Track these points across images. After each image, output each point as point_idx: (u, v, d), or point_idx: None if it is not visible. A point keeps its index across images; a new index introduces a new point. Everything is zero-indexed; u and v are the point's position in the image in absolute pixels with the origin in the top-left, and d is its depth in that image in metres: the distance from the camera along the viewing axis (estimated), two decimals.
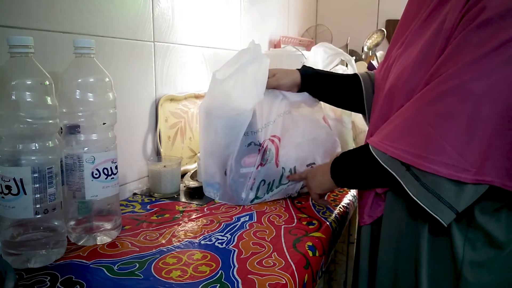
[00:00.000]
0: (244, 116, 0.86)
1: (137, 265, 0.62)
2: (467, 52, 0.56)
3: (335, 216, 0.85)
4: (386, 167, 0.63)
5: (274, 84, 0.91)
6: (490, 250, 0.61)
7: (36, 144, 0.58)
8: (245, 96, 0.86)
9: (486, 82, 0.55)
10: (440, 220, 0.58)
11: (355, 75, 0.92)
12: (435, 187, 0.58)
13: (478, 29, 0.56)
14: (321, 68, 1.14)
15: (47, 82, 0.59)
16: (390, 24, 2.00)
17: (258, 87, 0.88)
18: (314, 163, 0.94)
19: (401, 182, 0.61)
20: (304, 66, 0.96)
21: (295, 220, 0.81)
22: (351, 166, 0.74)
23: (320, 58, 1.17)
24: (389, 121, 0.66)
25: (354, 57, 1.46)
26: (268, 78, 0.90)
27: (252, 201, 0.90)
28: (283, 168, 0.91)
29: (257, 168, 0.88)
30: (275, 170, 0.90)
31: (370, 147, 0.66)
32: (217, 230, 0.76)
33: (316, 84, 0.94)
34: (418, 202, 0.59)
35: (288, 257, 0.65)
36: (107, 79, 0.68)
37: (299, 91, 0.94)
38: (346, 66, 1.27)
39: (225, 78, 0.88)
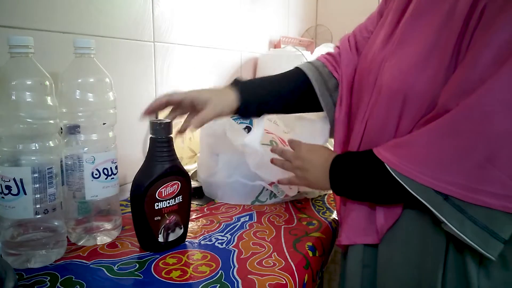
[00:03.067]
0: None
1: (137, 265, 0.62)
2: (507, 55, 0.46)
3: (335, 216, 0.85)
4: (417, 196, 0.52)
5: (214, 114, 0.70)
6: (506, 275, 0.54)
7: (36, 144, 0.58)
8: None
9: None
10: (489, 255, 0.49)
11: (297, 69, 0.80)
12: (486, 221, 0.48)
13: None
14: None
15: (47, 82, 0.59)
16: None
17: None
18: None
19: (438, 214, 0.50)
20: (235, 80, 0.77)
21: (295, 220, 0.81)
22: (361, 183, 0.61)
23: None
24: (411, 139, 0.54)
25: None
26: (201, 108, 0.70)
27: (253, 202, 0.90)
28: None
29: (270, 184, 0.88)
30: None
31: (389, 168, 0.54)
32: (217, 230, 0.76)
33: (261, 101, 0.76)
34: (466, 239, 0.49)
35: (288, 257, 0.65)
36: (107, 79, 0.68)
37: (239, 114, 0.76)
38: None
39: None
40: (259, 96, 0.77)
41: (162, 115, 1.01)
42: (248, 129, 0.84)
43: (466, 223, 0.49)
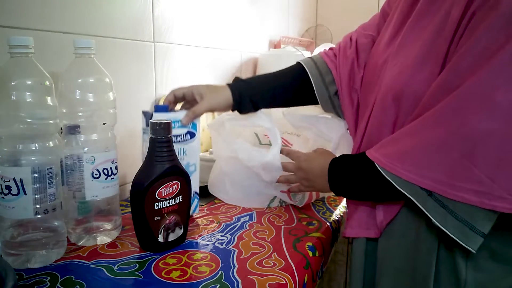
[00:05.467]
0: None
1: (137, 265, 0.62)
2: (486, 58, 0.49)
3: (335, 216, 0.85)
4: (403, 191, 0.55)
5: (206, 107, 0.77)
6: (494, 267, 0.56)
7: (36, 144, 0.58)
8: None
9: None
10: (469, 248, 0.52)
11: (297, 63, 0.83)
12: (466, 215, 0.51)
13: (496, 27, 0.48)
14: None
15: (47, 82, 0.59)
16: None
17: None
18: None
19: (423, 209, 0.53)
20: (234, 78, 0.84)
21: (295, 220, 0.81)
22: (355, 184, 0.65)
23: None
24: (396, 137, 0.58)
25: None
26: (196, 101, 0.78)
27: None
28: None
29: (281, 191, 0.88)
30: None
31: (377, 166, 0.58)
32: (217, 230, 0.76)
33: (254, 93, 0.81)
34: (447, 232, 0.52)
35: (288, 257, 0.65)
36: (107, 79, 0.68)
37: (234, 108, 0.81)
38: None
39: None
40: (253, 90, 0.81)
41: None
42: (191, 134, 0.80)
43: (448, 217, 0.52)
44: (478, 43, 0.50)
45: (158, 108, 0.69)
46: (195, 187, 0.80)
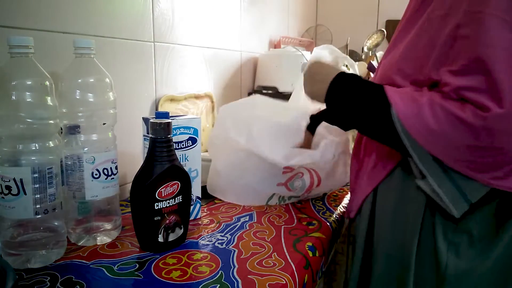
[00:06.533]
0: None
1: (137, 265, 0.62)
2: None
3: (335, 216, 0.85)
4: (409, 149, 0.57)
5: None
6: (472, 253, 0.60)
7: (36, 144, 0.58)
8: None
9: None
10: (454, 210, 0.57)
11: None
12: (462, 182, 0.56)
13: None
14: None
15: (47, 83, 0.59)
16: (390, 25, 2.00)
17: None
18: None
19: (424, 169, 0.58)
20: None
21: (295, 220, 0.81)
22: (355, 104, 0.63)
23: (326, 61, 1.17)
24: (418, 99, 0.58)
25: (353, 57, 1.45)
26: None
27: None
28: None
29: (277, 184, 0.87)
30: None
31: (393, 111, 0.57)
32: (217, 230, 0.76)
33: None
34: (440, 193, 0.57)
35: (288, 257, 0.65)
36: (107, 79, 0.68)
37: None
38: (348, 68, 1.26)
39: None
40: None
41: (161, 109, 1.01)
42: (192, 140, 0.79)
43: (446, 181, 0.57)
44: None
45: (159, 115, 0.70)
46: (197, 192, 0.81)
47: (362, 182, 0.73)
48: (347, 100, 0.64)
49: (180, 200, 0.68)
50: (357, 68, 1.23)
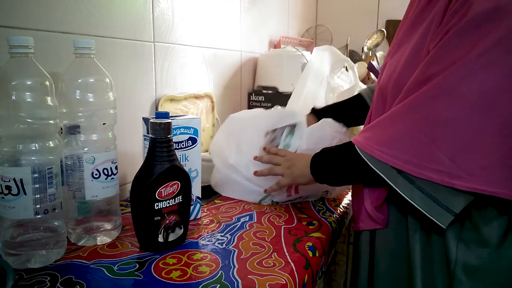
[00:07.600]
0: None
1: (137, 265, 0.62)
2: (456, 55, 0.55)
3: (335, 216, 0.85)
4: (376, 170, 0.62)
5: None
6: (483, 252, 0.61)
7: (36, 144, 0.58)
8: None
9: (478, 86, 0.53)
10: (438, 222, 0.58)
11: (358, 95, 0.96)
12: (430, 189, 0.58)
13: (465, 29, 0.55)
14: (327, 74, 1.14)
15: (47, 83, 0.59)
16: (390, 25, 2.00)
17: None
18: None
19: (393, 186, 0.61)
20: (313, 109, 0.99)
21: (295, 220, 0.81)
22: (335, 164, 0.73)
23: (326, 63, 1.17)
24: (376, 123, 0.65)
25: (354, 57, 1.45)
26: None
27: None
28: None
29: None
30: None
31: (356, 147, 0.65)
32: (217, 230, 0.76)
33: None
34: (414, 205, 0.59)
35: (288, 257, 0.65)
36: (107, 80, 0.68)
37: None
38: (347, 70, 1.26)
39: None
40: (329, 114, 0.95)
41: (161, 109, 1.01)
42: (192, 140, 0.80)
43: (415, 192, 0.59)
44: (450, 41, 0.57)
45: (159, 115, 0.70)
46: (197, 192, 0.81)
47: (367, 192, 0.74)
48: (328, 165, 0.74)
49: (180, 200, 0.68)
50: (356, 70, 1.23)
